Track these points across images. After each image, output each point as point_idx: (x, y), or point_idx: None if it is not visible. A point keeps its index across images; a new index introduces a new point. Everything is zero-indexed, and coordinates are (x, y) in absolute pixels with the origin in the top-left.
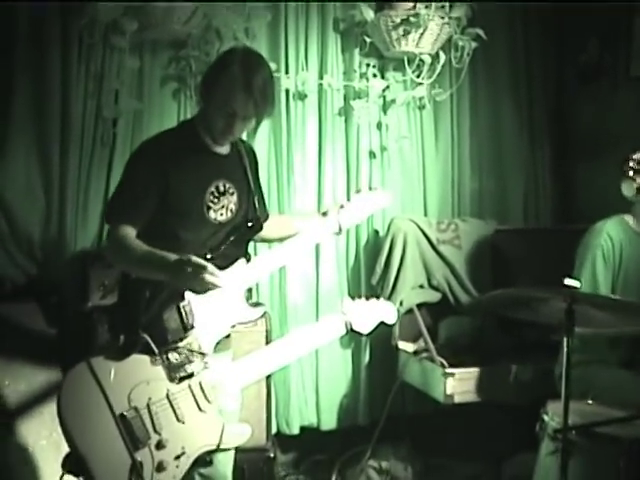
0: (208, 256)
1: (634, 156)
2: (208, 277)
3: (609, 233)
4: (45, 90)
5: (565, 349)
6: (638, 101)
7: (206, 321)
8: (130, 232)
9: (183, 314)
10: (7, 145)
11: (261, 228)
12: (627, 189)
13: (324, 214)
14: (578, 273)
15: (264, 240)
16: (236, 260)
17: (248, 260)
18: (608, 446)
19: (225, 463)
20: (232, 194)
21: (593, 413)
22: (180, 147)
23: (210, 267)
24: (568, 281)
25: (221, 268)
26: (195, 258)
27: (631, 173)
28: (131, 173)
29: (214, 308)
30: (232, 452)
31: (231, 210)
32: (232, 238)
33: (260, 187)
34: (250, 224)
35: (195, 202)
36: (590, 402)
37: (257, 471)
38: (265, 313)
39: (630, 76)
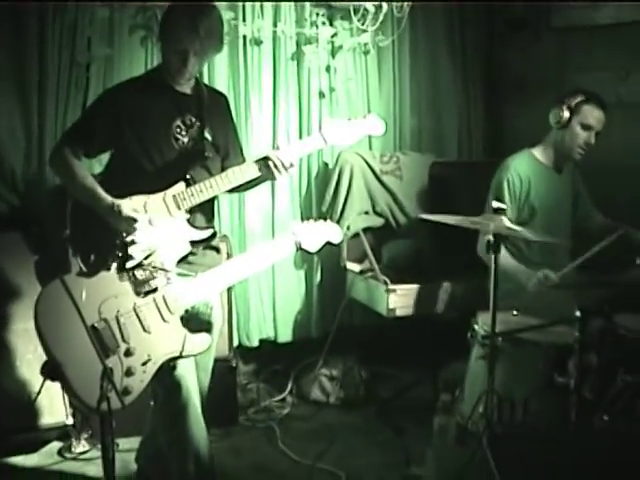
0: None
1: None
2: (129, 224)
3: (516, 168)
4: (23, 40)
5: (493, 266)
6: (557, 49)
7: (165, 241)
8: (73, 152)
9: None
10: None
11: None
12: (554, 116)
13: (277, 148)
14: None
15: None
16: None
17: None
18: (529, 350)
19: (188, 369)
20: (196, 128)
21: (517, 322)
22: (143, 87)
23: (130, 217)
24: (495, 204)
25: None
26: (125, 210)
27: (564, 106)
28: (88, 108)
29: (168, 232)
30: (193, 359)
31: (194, 140)
32: (190, 170)
33: (231, 131)
34: (206, 154)
35: (161, 133)
36: (515, 313)
37: (221, 379)
38: (225, 237)
39: (550, 27)
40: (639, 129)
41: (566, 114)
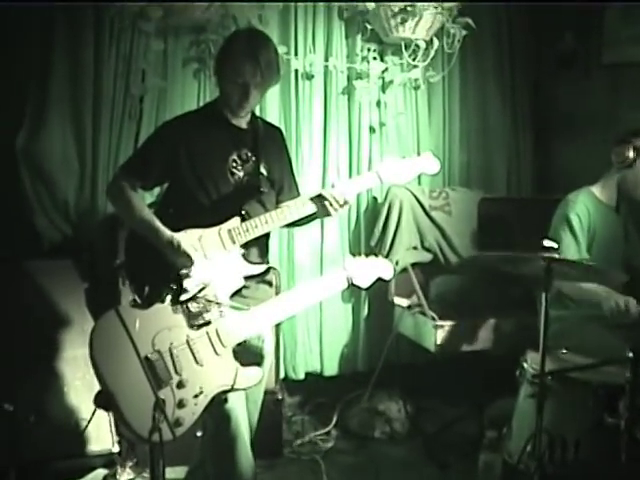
0: None
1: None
2: (186, 259)
3: (583, 203)
4: (79, 70)
5: (544, 303)
6: (608, 85)
7: (219, 275)
8: (131, 184)
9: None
10: (45, 121)
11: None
12: (618, 155)
13: (332, 186)
14: (556, 239)
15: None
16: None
17: (243, 219)
18: (579, 389)
19: (238, 402)
20: (252, 163)
21: (566, 361)
22: (200, 120)
23: (188, 253)
24: (547, 242)
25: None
26: (184, 244)
27: (629, 146)
28: (146, 141)
29: (223, 266)
30: (243, 392)
31: (249, 175)
32: (245, 205)
33: (287, 165)
34: (261, 189)
35: (218, 167)
36: (564, 352)
37: (267, 412)
38: (274, 270)
39: (601, 64)
40: None
41: (631, 154)
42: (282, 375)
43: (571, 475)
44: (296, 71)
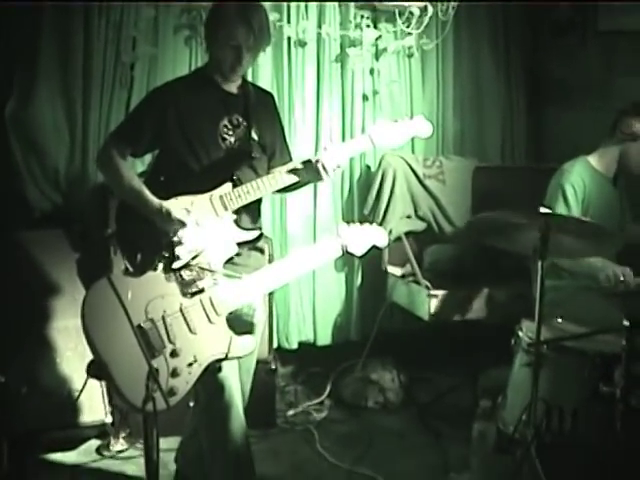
0: None
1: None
2: (177, 226)
3: (579, 173)
4: (69, 38)
5: (539, 272)
6: (604, 53)
7: (212, 242)
8: (120, 152)
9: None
10: (35, 89)
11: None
12: (627, 126)
13: (325, 150)
14: (551, 208)
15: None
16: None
17: (234, 185)
18: (575, 358)
19: (232, 371)
20: (243, 128)
21: (562, 330)
22: (190, 86)
23: (179, 219)
24: (543, 209)
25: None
26: (173, 212)
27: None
28: (136, 107)
29: (215, 232)
30: (236, 361)
31: (241, 140)
32: (237, 170)
33: (279, 130)
34: (253, 155)
35: (209, 132)
36: (560, 321)
37: (260, 382)
38: (267, 238)
39: (597, 31)
40: None
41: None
42: (275, 345)
43: (568, 444)
44: (289, 38)
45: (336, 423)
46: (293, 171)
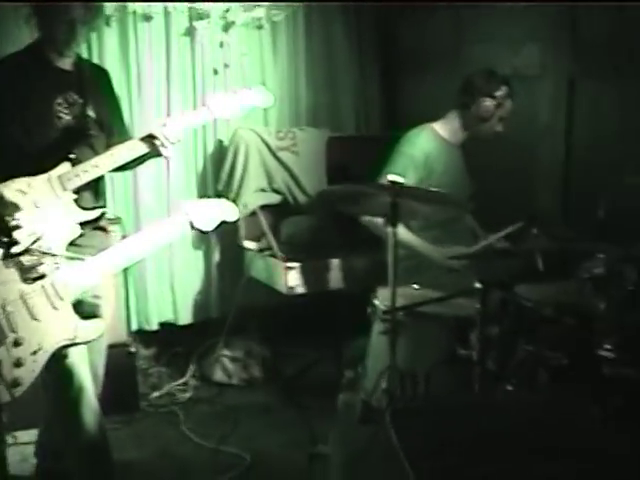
0: None
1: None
2: (12, 209)
3: (418, 142)
4: None
5: (391, 239)
6: (450, 24)
7: (52, 224)
8: None
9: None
10: None
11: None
12: (485, 110)
13: (164, 125)
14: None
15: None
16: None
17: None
18: (431, 323)
19: (80, 356)
20: (79, 105)
21: (418, 297)
22: (20, 64)
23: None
24: (392, 177)
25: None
26: (7, 194)
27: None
28: None
29: (55, 214)
30: (85, 346)
31: (77, 118)
32: (74, 149)
33: (115, 107)
34: (90, 132)
35: (42, 112)
36: (416, 287)
37: (120, 365)
38: (116, 217)
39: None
40: (532, 101)
41: (493, 109)
42: (135, 327)
43: (422, 409)
44: (134, 12)
45: (201, 403)
46: (132, 148)
